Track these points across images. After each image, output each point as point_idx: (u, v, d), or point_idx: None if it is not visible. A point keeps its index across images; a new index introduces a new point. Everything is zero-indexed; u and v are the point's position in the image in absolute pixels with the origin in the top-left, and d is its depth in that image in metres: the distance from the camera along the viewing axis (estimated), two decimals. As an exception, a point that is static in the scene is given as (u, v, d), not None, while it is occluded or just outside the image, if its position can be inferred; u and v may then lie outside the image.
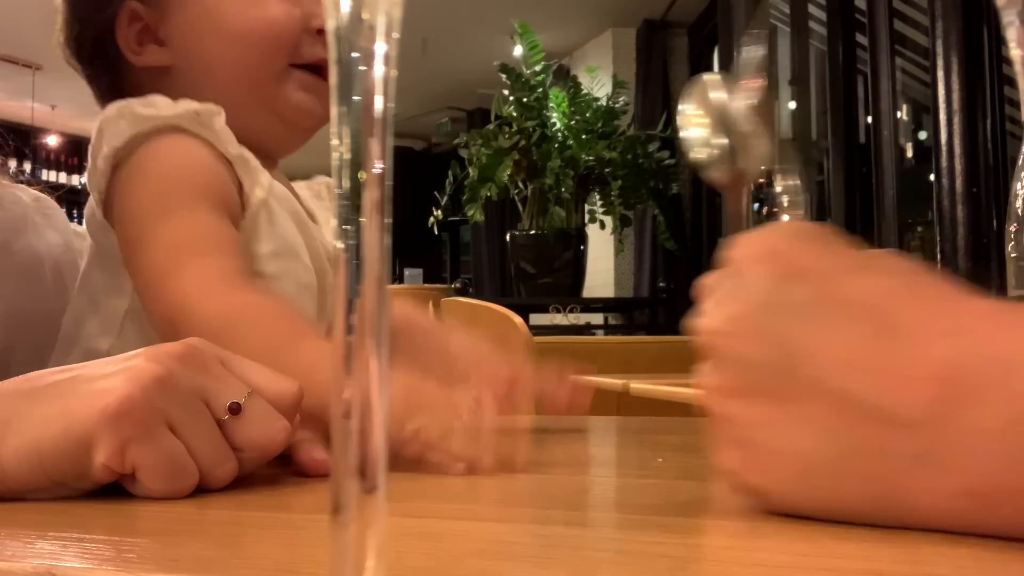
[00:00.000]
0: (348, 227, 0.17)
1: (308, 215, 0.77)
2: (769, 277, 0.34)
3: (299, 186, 0.81)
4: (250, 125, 0.67)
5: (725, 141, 0.58)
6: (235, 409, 0.43)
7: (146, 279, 0.60)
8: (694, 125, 0.58)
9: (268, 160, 0.71)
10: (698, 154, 0.58)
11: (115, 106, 0.65)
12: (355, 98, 0.17)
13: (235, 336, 0.54)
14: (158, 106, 0.65)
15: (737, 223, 0.56)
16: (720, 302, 0.35)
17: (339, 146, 0.17)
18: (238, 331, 0.55)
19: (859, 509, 0.31)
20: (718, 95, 0.58)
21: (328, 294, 0.72)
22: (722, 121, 0.58)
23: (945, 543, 0.30)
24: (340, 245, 0.17)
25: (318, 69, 0.71)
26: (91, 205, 0.67)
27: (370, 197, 0.17)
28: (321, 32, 0.70)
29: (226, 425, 0.42)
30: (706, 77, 0.59)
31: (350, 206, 0.17)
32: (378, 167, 0.17)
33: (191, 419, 0.41)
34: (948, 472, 0.29)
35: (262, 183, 0.66)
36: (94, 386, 0.40)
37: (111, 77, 0.74)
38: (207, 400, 0.42)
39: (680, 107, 0.59)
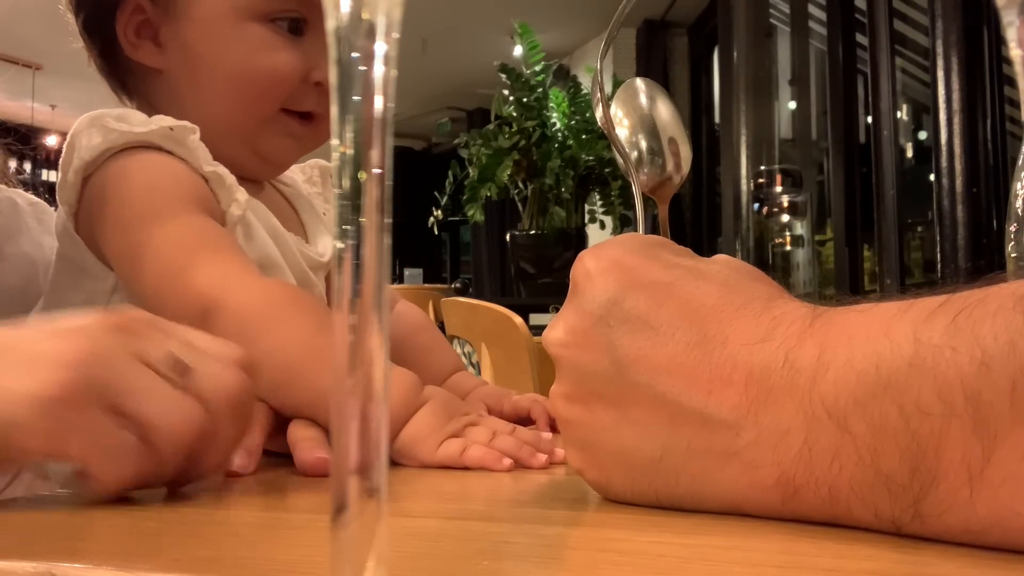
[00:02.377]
0: (348, 227, 0.17)
1: (297, 215, 0.78)
2: (609, 289, 0.37)
3: (293, 171, 0.81)
4: (224, 153, 0.67)
5: (647, 145, 0.58)
6: (181, 367, 0.39)
7: (159, 278, 0.59)
8: (621, 127, 0.59)
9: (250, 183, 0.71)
10: (623, 157, 0.58)
11: (87, 118, 0.64)
12: (355, 98, 0.17)
13: (275, 320, 0.54)
14: (131, 122, 0.64)
15: (664, 227, 0.57)
16: (564, 315, 0.39)
17: (339, 146, 0.17)
18: (277, 316, 0.55)
19: (679, 500, 0.35)
20: (645, 100, 0.59)
21: None
22: (647, 126, 0.58)
23: (945, 543, 0.30)
24: (340, 245, 0.17)
25: (306, 114, 0.71)
26: (61, 217, 0.66)
27: (370, 197, 0.17)
28: (319, 84, 0.69)
29: (175, 384, 0.39)
30: (638, 81, 0.60)
31: (350, 206, 0.17)
32: (378, 168, 0.17)
33: (136, 383, 0.38)
34: (755, 467, 0.32)
35: (239, 200, 0.66)
36: (28, 367, 0.37)
37: (108, 62, 0.73)
38: (149, 363, 0.39)
39: (611, 109, 0.59)
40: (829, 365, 0.30)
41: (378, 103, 0.17)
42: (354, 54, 0.16)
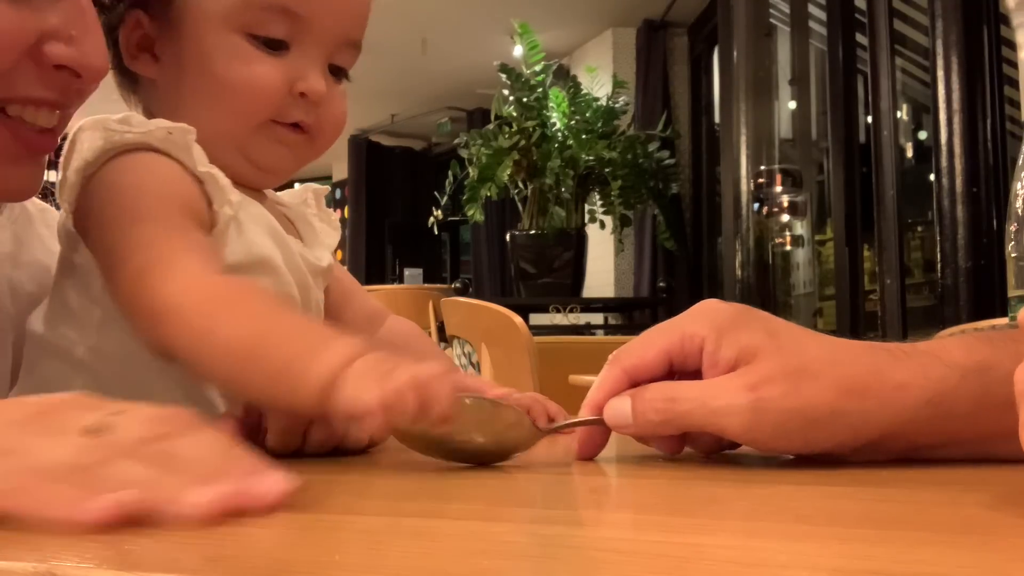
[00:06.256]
0: None
1: (293, 226, 0.78)
2: None
3: (284, 195, 0.82)
4: (219, 160, 0.68)
5: None
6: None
7: (125, 281, 0.60)
8: None
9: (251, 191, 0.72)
10: None
11: (89, 121, 0.66)
12: None
13: (223, 318, 0.56)
14: (131, 124, 0.66)
15: None
16: None
17: None
18: (225, 313, 0.56)
19: None
20: None
21: (311, 307, 0.73)
22: None
23: (945, 543, 0.30)
24: None
25: (296, 124, 0.72)
26: (62, 217, 0.67)
27: None
28: (303, 96, 0.70)
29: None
30: None
31: None
32: None
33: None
34: None
35: (231, 201, 0.67)
36: None
37: (118, 72, 0.75)
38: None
39: None
40: None
41: None
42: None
